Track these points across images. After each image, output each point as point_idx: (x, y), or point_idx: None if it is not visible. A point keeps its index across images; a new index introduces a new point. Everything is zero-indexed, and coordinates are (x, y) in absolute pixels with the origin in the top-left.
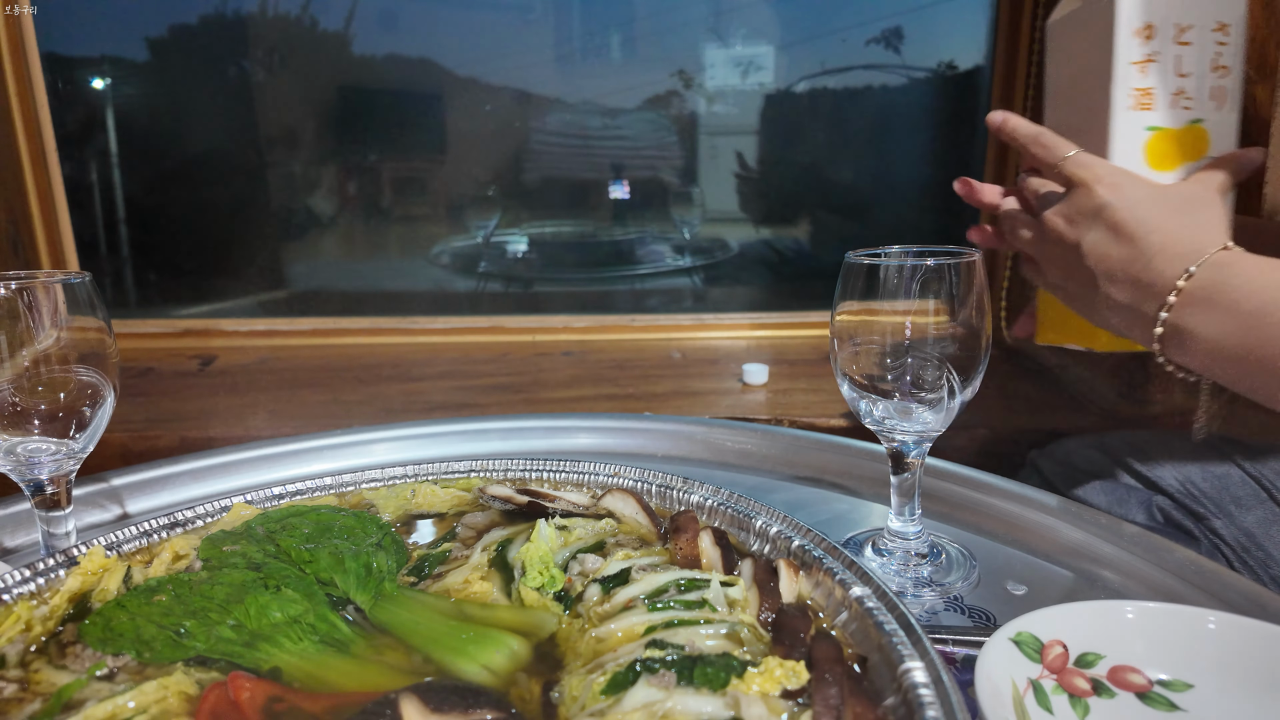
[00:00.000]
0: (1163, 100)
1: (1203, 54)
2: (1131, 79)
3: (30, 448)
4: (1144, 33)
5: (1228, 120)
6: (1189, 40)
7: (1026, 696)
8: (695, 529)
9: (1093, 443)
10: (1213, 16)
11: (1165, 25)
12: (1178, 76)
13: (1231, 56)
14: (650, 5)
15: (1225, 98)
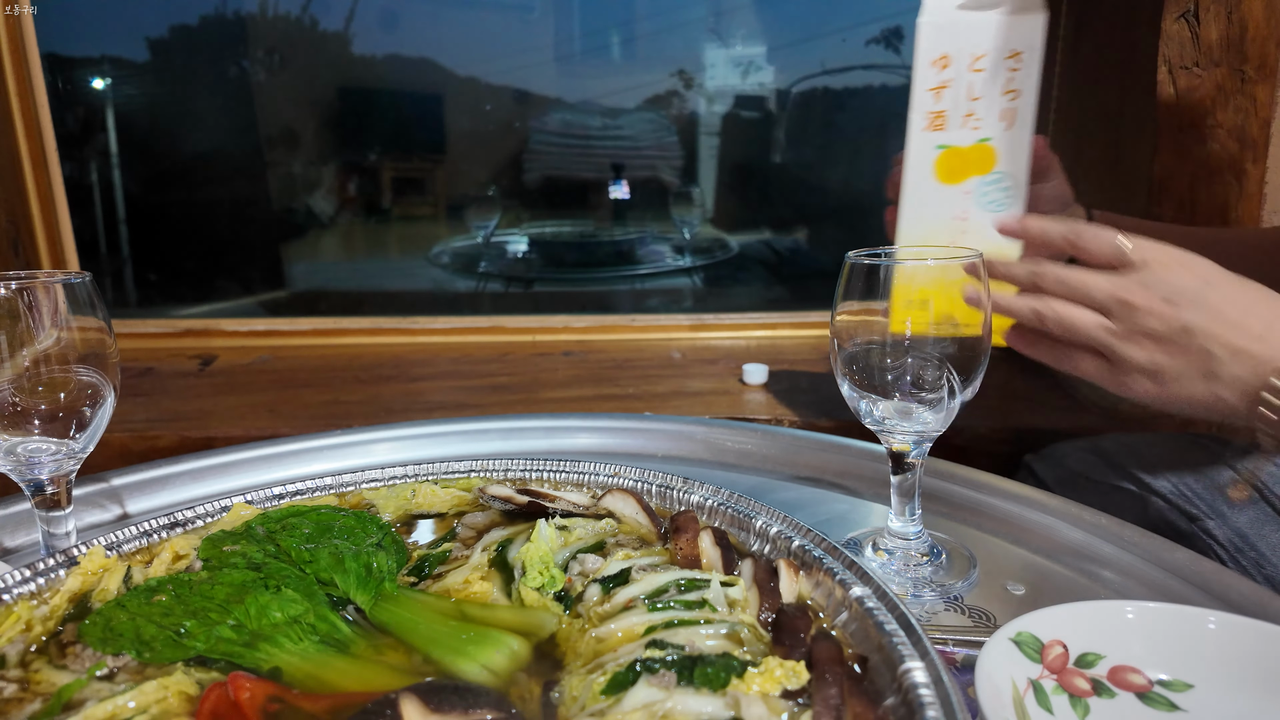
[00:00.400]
0: (954, 122)
1: (995, 79)
2: (926, 103)
3: (30, 448)
4: (940, 62)
5: (1017, 138)
6: (982, 67)
7: (1027, 696)
8: (695, 529)
9: (1086, 445)
10: (1008, 46)
11: (960, 55)
12: (969, 100)
13: (1024, 80)
14: (650, 5)
15: (1014, 118)
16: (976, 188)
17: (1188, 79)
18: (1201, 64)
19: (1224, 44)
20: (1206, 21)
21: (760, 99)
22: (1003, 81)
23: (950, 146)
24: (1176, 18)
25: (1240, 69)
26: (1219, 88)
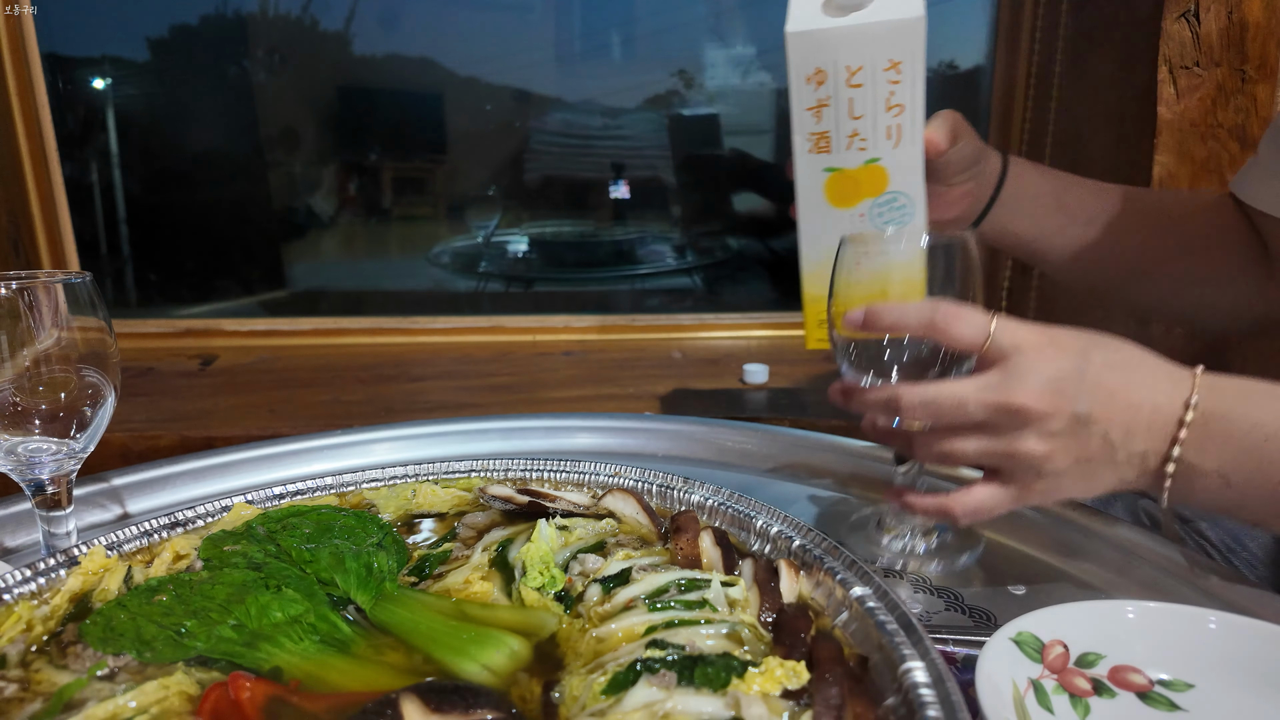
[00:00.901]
0: (838, 143)
1: (875, 94)
2: (807, 124)
3: (31, 447)
4: (815, 78)
5: (907, 155)
6: (860, 82)
7: (1027, 696)
8: (696, 529)
9: None
10: (884, 55)
11: (835, 69)
12: (851, 119)
13: (908, 92)
14: (650, 5)
15: (900, 135)
16: (870, 209)
17: (1188, 79)
18: (1202, 64)
19: (1224, 43)
20: (1206, 21)
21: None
22: (884, 96)
23: (838, 169)
24: (1176, 17)
25: (1240, 69)
26: (1219, 87)
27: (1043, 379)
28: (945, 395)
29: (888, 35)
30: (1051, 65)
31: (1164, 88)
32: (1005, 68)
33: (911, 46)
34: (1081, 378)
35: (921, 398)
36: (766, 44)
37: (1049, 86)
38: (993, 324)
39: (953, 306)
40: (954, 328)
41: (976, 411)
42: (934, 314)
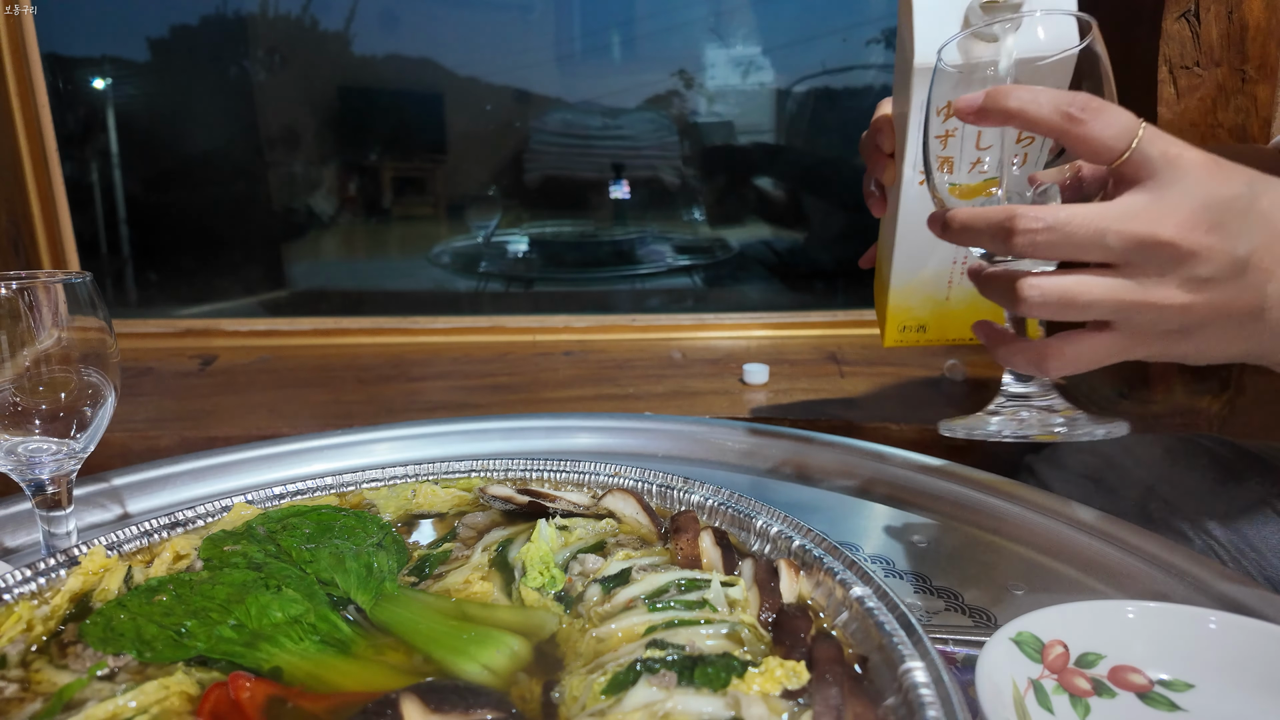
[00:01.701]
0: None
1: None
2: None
3: (31, 447)
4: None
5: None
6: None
7: (1027, 696)
8: (696, 529)
9: (1085, 447)
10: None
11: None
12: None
13: None
14: (651, 5)
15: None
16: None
17: (1188, 79)
18: (1202, 64)
19: (1224, 43)
20: (1207, 21)
21: (761, 98)
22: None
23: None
24: (1177, 17)
25: (1241, 69)
26: (1219, 87)
27: (1199, 206)
28: (1079, 220)
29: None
30: None
31: (1164, 88)
32: None
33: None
34: (1249, 210)
35: (1046, 219)
36: (766, 44)
37: None
38: (1141, 129)
39: (1095, 99)
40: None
41: (1115, 244)
42: (1070, 102)
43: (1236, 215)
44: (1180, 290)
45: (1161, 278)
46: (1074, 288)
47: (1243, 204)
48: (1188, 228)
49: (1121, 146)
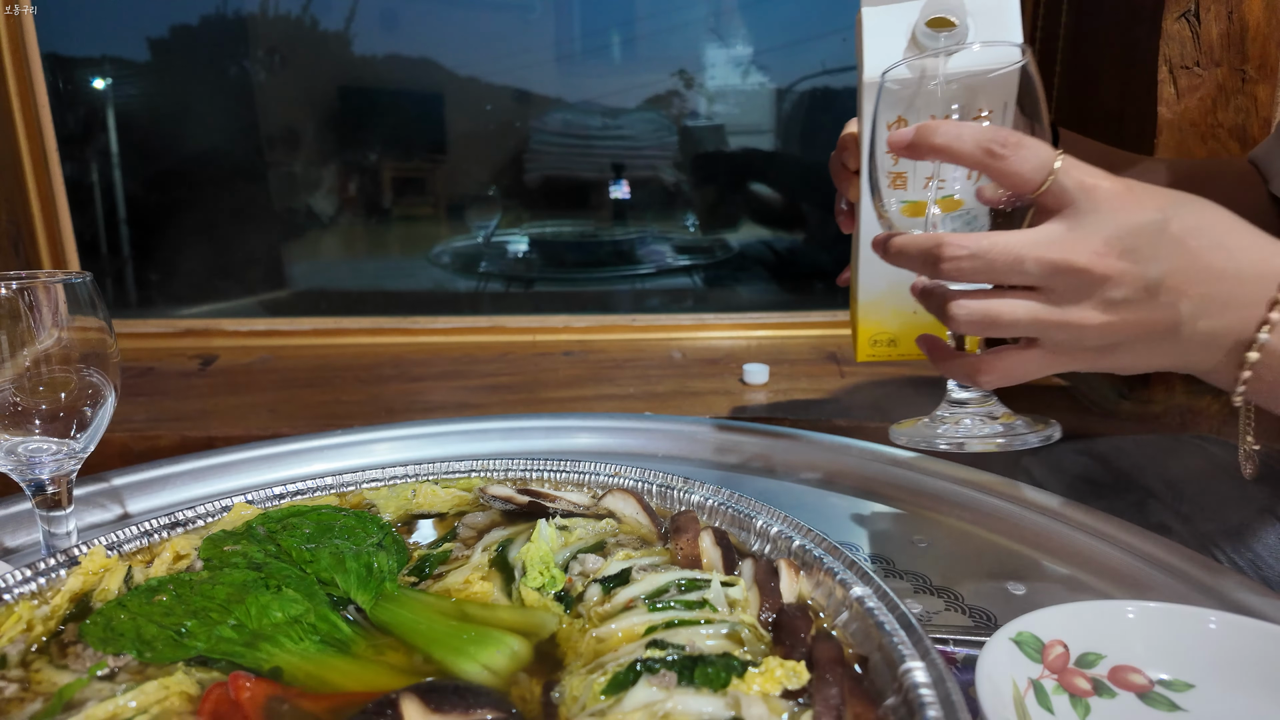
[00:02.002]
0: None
1: None
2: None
3: (31, 447)
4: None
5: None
6: None
7: (1027, 696)
8: (696, 529)
9: (1083, 449)
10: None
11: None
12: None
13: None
14: (651, 5)
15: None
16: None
17: (1188, 79)
18: (1202, 64)
19: (1224, 44)
20: (1207, 21)
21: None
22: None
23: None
24: (1177, 17)
25: (1241, 69)
26: (1219, 87)
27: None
28: (1000, 247)
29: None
30: (1053, 64)
31: (1164, 88)
32: None
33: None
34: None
35: (970, 247)
36: (766, 44)
37: (1049, 86)
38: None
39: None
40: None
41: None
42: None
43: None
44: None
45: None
46: (997, 308)
47: (1154, 230)
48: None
49: (1039, 179)
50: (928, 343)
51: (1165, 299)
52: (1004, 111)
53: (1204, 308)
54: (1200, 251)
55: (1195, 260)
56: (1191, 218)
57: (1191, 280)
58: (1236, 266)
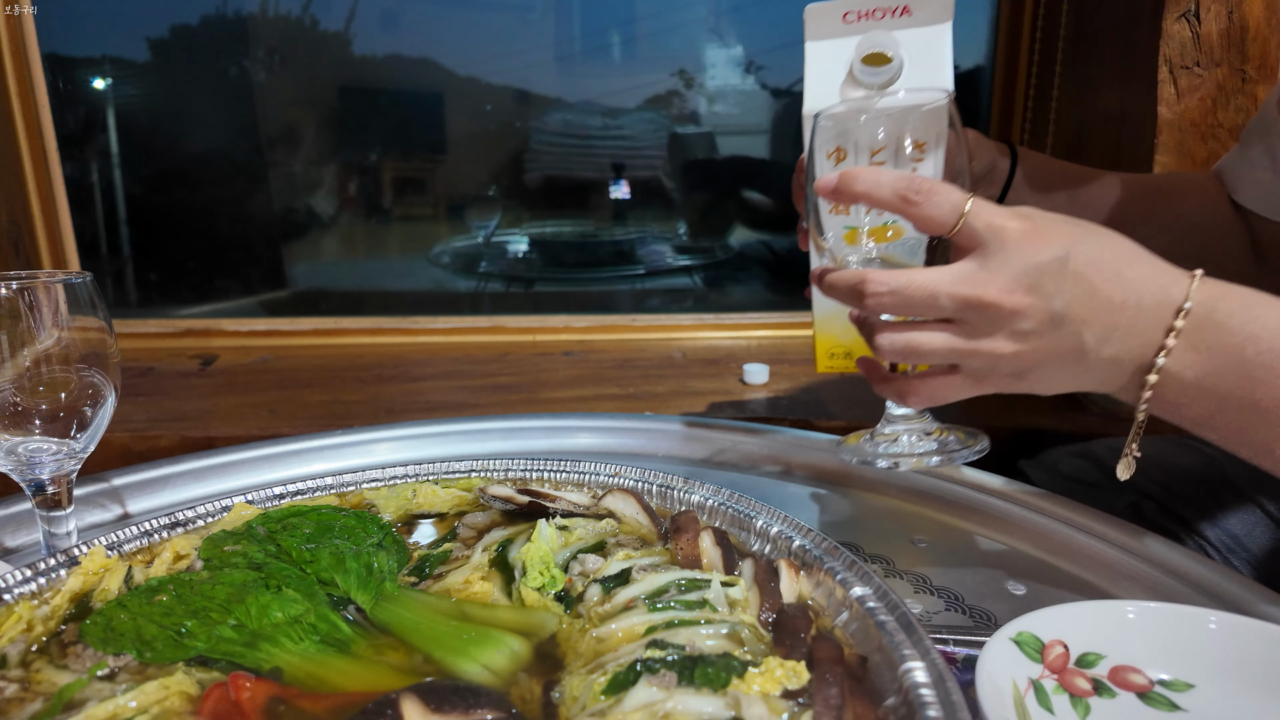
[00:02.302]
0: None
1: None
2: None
3: (31, 447)
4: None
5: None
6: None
7: (1027, 696)
8: (696, 529)
9: (1079, 450)
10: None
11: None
12: None
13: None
14: (651, 5)
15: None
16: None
17: (1188, 79)
18: (1202, 64)
19: (1225, 43)
20: (1207, 21)
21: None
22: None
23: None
24: (1177, 17)
25: (1241, 69)
26: (1220, 87)
27: (1018, 271)
28: (916, 284)
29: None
30: (1051, 65)
31: (1164, 88)
32: (1006, 67)
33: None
34: (1062, 271)
35: (890, 284)
36: (766, 44)
37: (1049, 86)
38: (968, 205)
39: (929, 181)
40: (925, 204)
41: (947, 304)
42: (907, 186)
43: (1051, 277)
44: (1008, 341)
45: (991, 332)
46: (917, 339)
47: (1057, 266)
48: (1009, 290)
49: (951, 222)
50: (865, 365)
51: (1070, 329)
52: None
53: (1107, 336)
54: (1100, 284)
55: (1096, 292)
56: (1093, 252)
57: (1093, 310)
58: (1137, 297)
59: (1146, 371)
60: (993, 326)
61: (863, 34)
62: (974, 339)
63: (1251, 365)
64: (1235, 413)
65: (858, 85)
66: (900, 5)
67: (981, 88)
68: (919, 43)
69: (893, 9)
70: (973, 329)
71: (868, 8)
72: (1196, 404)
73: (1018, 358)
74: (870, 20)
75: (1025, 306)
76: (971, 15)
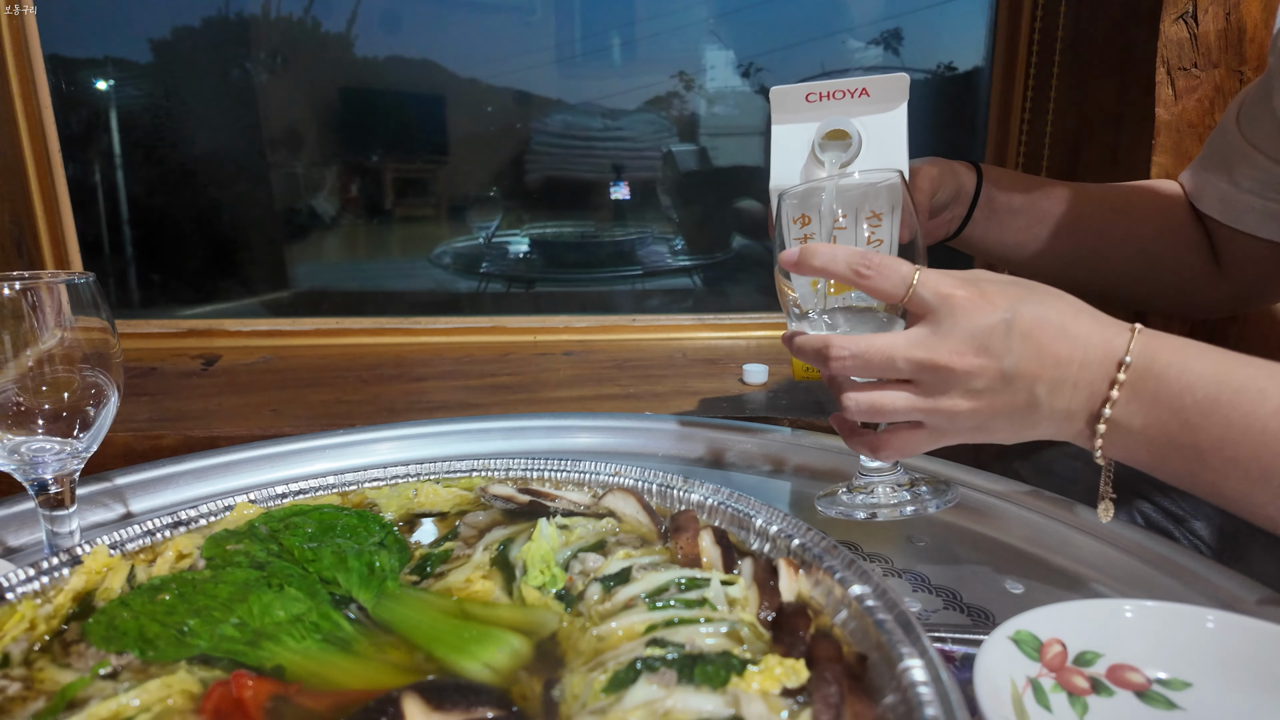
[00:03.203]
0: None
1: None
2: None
3: (34, 447)
4: (800, 220)
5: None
6: (844, 226)
7: (1025, 695)
8: (696, 528)
9: (1073, 451)
10: (867, 207)
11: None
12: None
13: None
14: (651, 6)
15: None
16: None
17: (1186, 80)
18: (1200, 65)
19: (1222, 45)
20: (1205, 22)
21: (762, 99)
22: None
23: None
24: (1175, 18)
25: (1239, 70)
26: (1217, 88)
27: (966, 335)
28: (875, 349)
29: (870, 193)
30: (1051, 65)
31: (1162, 89)
32: (1004, 68)
33: (893, 200)
34: (1009, 332)
35: (851, 349)
36: (765, 46)
37: (1048, 87)
38: (915, 276)
39: (879, 256)
40: (876, 278)
41: (904, 367)
42: (859, 262)
43: (998, 338)
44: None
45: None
46: (880, 399)
47: (1003, 328)
48: (959, 353)
49: (900, 293)
50: (837, 421)
51: (1021, 384)
52: (891, 212)
53: (1056, 389)
54: (1047, 342)
55: (1042, 349)
56: (1037, 311)
57: (1042, 366)
58: (1083, 352)
59: (1096, 421)
60: (948, 386)
61: (825, 115)
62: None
63: (1189, 412)
64: (1180, 458)
65: (819, 164)
66: (860, 88)
67: (980, 88)
68: (876, 125)
69: (852, 90)
70: (930, 389)
71: (829, 89)
72: (1145, 451)
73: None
74: (832, 100)
75: (976, 367)
76: (970, 16)
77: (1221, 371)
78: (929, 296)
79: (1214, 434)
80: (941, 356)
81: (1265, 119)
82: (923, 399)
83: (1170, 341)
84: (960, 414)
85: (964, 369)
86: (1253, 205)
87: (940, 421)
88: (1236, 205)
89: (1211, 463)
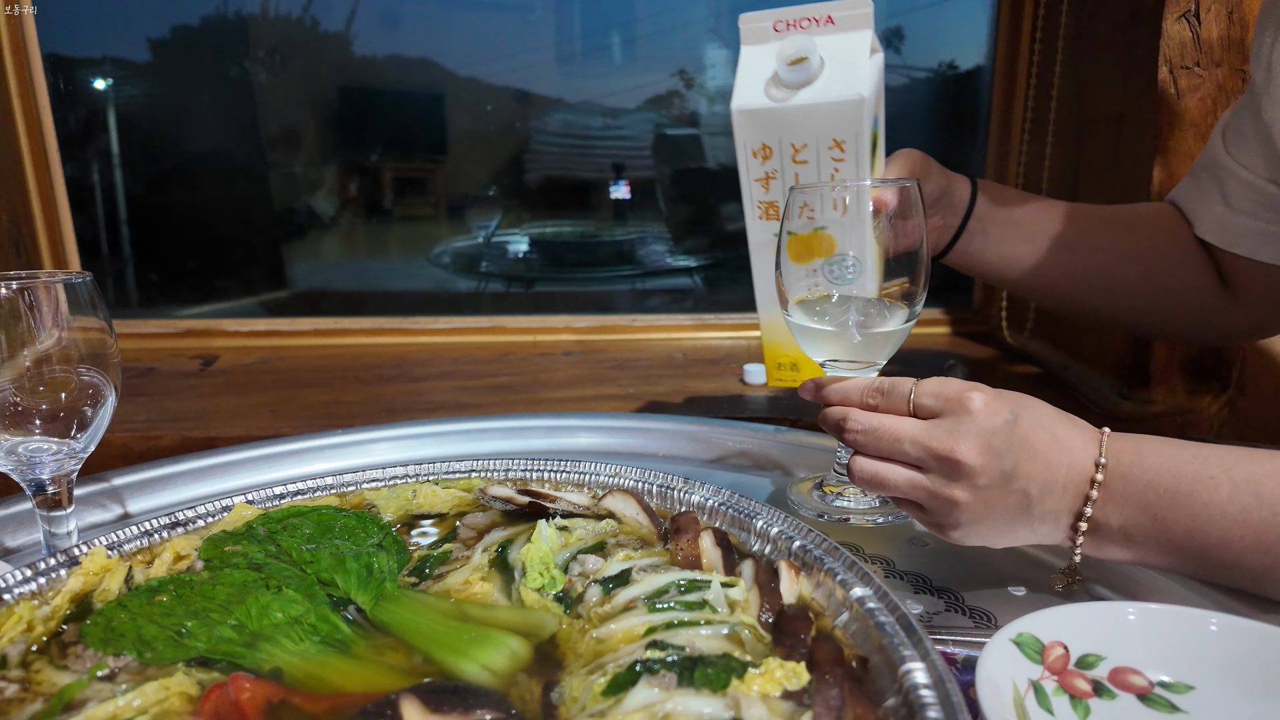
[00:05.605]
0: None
1: (820, 170)
2: (756, 193)
3: (32, 447)
4: (761, 153)
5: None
6: (805, 159)
7: (1027, 697)
8: (696, 529)
9: None
10: (827, 135)
11: (781, 146)
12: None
13: (851, 168)
14: (651, 5)
15: (846, 205)
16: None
17: (1188, 79)
18: (1202, 64)
19: (1225, 44)
20: (1207, 21)
21: None
22: (829, 171)
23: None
24: (1177, 17)
25: (1241, 69)
26: (1220, 88)
27: (982, 433)
28: (887, 430)
29: (830, 116)
30: (1051, 65)
31: (1164, 88)
32: (1006, 67)
33: (855, 126)
34: (1011, 435)
35: (865, 425)
36: None
37: (1049, 86)
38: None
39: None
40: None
41: (912, 451)
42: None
43: (1003, 440)
44: (964, 492)
45: (953, 481)
46: (885, 473)
47: (1007, 429)
48: (972, 452)
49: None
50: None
51: (1017, 485)
52: (855, 141)
53: (1046, 490)
54: (1039, 445)
55: (1036, 453)
56: (1032, 417)
57: (1035, 468)
58: (1068, 456)
59: (1078, 519)
60: (956, 477)
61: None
62: (935, 484)
63: (1156, 508)
64: (1159, 551)
65: (781, 85)
66: (825, 15)
67: (982, 88)
68: (838, 48)
69: (817, 18)
70: (936, 475)
71: (795, 18)
72: (1127, 547)
73: (972, 507)
74: (796, 30)
75: (983, 465)
76: (972, 15)
77: (1174, 465)
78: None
79: (1182, 526)
80: (956, 451)
81: (1250, 137)
82: (927, 484)
83: (1131, 441)
84: (960, 505)
85: (973, 465)
86: (1249, 228)
87: (939, 507)
88: (1233, 229)
89: (1188, 553)
